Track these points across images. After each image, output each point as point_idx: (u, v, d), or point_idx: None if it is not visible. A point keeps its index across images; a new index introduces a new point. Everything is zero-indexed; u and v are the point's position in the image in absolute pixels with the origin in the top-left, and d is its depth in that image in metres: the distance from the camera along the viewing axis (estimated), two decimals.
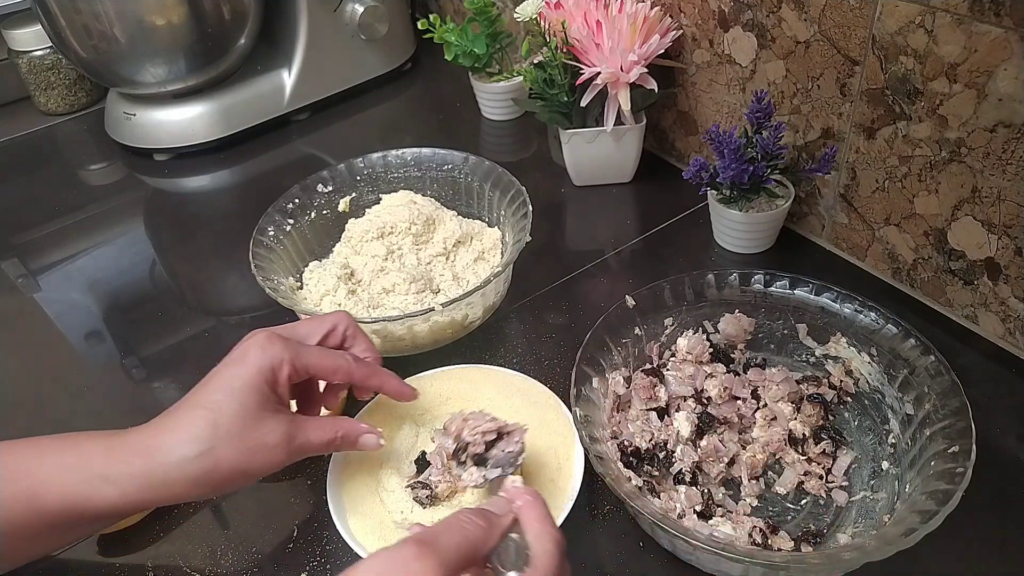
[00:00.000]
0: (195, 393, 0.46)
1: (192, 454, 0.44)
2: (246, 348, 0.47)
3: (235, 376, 0.46)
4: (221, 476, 0.45)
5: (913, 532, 0.42)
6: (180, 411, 0.45)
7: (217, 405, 0.45)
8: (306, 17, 0.97)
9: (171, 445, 0.44)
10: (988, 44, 0.53)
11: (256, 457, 0.45)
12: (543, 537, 0.39)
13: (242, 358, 0.46)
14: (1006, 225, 0.58)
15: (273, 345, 0.47)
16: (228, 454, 0.44)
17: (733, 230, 0.72)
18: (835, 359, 0.58)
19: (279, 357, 0.47)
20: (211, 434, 0.44)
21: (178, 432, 0.44)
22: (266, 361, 0.46)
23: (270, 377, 0.46)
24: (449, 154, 0.75)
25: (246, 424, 0.45)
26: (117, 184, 0.96)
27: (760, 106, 0.66)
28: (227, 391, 0.45)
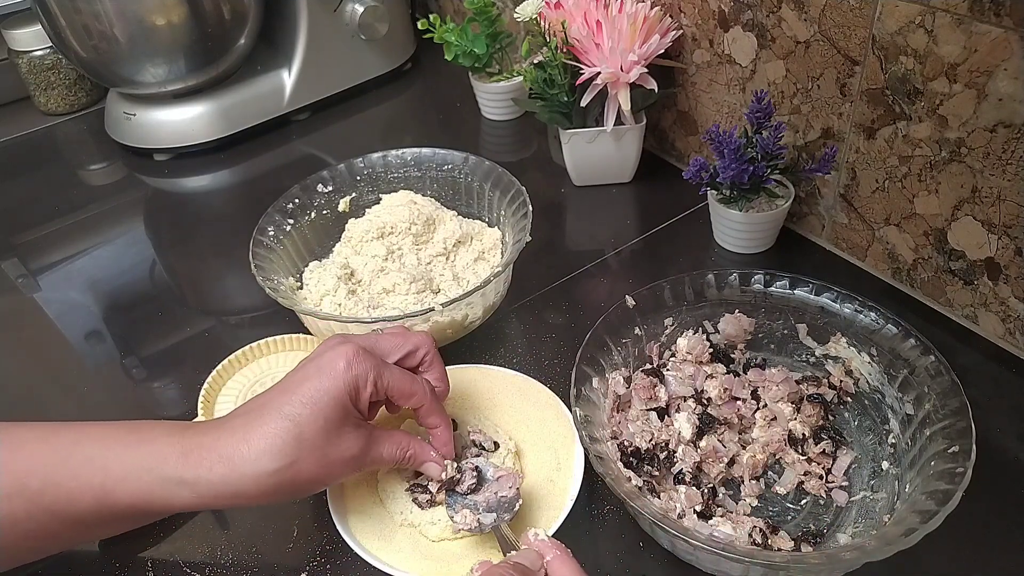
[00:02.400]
0: (279, 400, 0.46)
1: (274, 467, 0.44)
2: (333, 360, 0.46)
3: (321, 390, 0.45)
4: (297, 486, 0.45)
5: (913, 532, 0.42)
6: (264, 419, 0.45)
7: (302, 419, 0.45)
8: (306, 17, 0.97)
9: (254, 456, 0.44)
10: (988, 44, 0.53)
11: (333, 470, 0.46)
12: None
13: (330, 371, 0.46)
14: (1006, 225, 0.58)
15: (360, 363, 0.47)
16: (308, 467, 0.45)
17: (733, 230, 0.72)
18: (835, 359, 0.58)
19: (364, 376, 0.47)
20: (295, 448, 0.44)
21: (262, 443, 0.44)
22: (351, 378, 0.46)
23: (353, 394, 0.47)
24: (449, 154, 0.75)
25: (328, 438, 0.45)
26: (117, 184, 0.96)
27: (760, 106, 0.66)
28: (312, 405, 0.45)
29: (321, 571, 0.51)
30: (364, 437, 0.47)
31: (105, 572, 0.53)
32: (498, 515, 0.49)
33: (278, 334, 0.66)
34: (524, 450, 0.56)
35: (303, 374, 0.47)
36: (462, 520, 0.49)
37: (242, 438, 0.45)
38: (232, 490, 0.44)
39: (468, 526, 0.49)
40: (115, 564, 0.53)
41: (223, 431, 0.45)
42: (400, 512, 0.52)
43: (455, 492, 0.51)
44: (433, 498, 0.52)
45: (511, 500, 0.49)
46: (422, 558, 0.50)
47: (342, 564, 0.51)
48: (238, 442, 0.44)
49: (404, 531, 0.52)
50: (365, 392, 0.47)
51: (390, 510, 0.52)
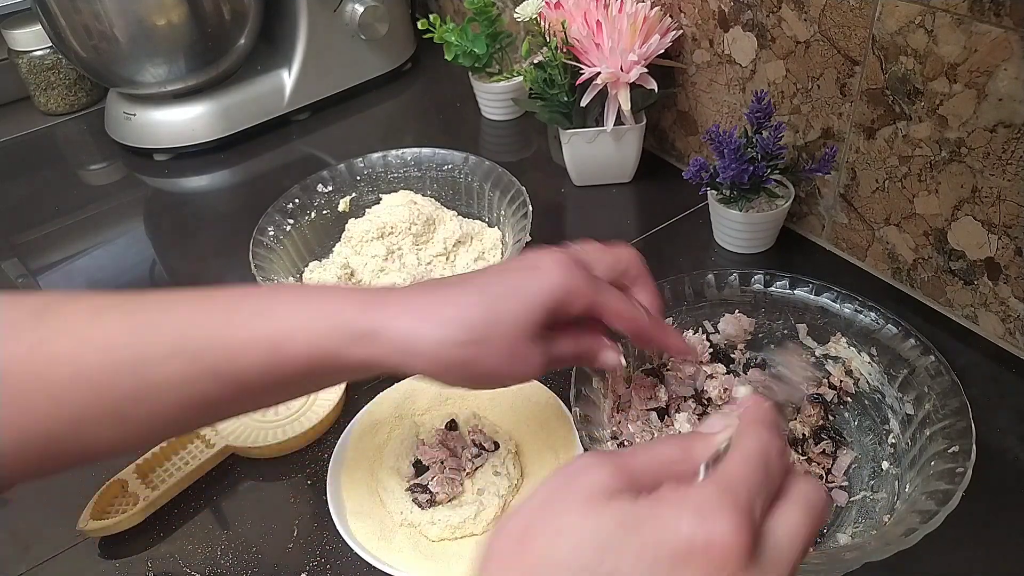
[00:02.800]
0: (482, 280, 0.42)
1: (465, 338, 0.39)
2: (551, 266, 0.42)
3: (531, 287, 0.41)
4: (476, 372, 0.41)
5: (913, 532, 0.42)
6: (461, 289, 0.41)
7: (503, 306, 0.40)
8: (306, 17, 0.97)
9: (448, 317, 0.40)
10: (988, 44, 0.53)
11: (516, 366, 0.41)
12: (747, 436, 0.30)
13: (546, 271, 0.41)
14: (1006, 225, 0.58)
15: (577, 275, 0.42)
16: (493, 353, 0.40)
17: (733, 230, 0.72)
18: (835, 359, 0.58)
19: (579, 290, 0.42)
20: (487, 329, 0.40)
21: (456, 310, 0.40)
22: (566, 288, 0.41)
23: (561, 304, 0.41)
24: (449, 154, 0.75)
25: (523, 333, 0.41)
26: (117, 184, 0.96)
27: (760, 106, 0.66)
28: (517, 298, 0.41)
29: (321, 571, 0.51)
30: (550, 341, 0.43)
31: (105, 572, 0.53)
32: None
33: None
34: (524, 450, 0.56)
35: (508, 267, 0.43)
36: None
37: (436, 298, 0.40)
38: (414, 346, 0.39)
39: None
40: (115, 564, 0.53)
41: (412, 290, 0.41)
42: (400, 512, 0.52)
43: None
44: (433, 498, 0.52)
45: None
46: (422, 558, 0.50)
47: (342, 564, 0.51)
48: (432, 301, 0.40)
49: (404, 531, 0.52)
50: (574, 309, 0.42)
51: (390, 510, 0.52)
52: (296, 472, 0.58)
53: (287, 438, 0.58)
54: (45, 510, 0.57)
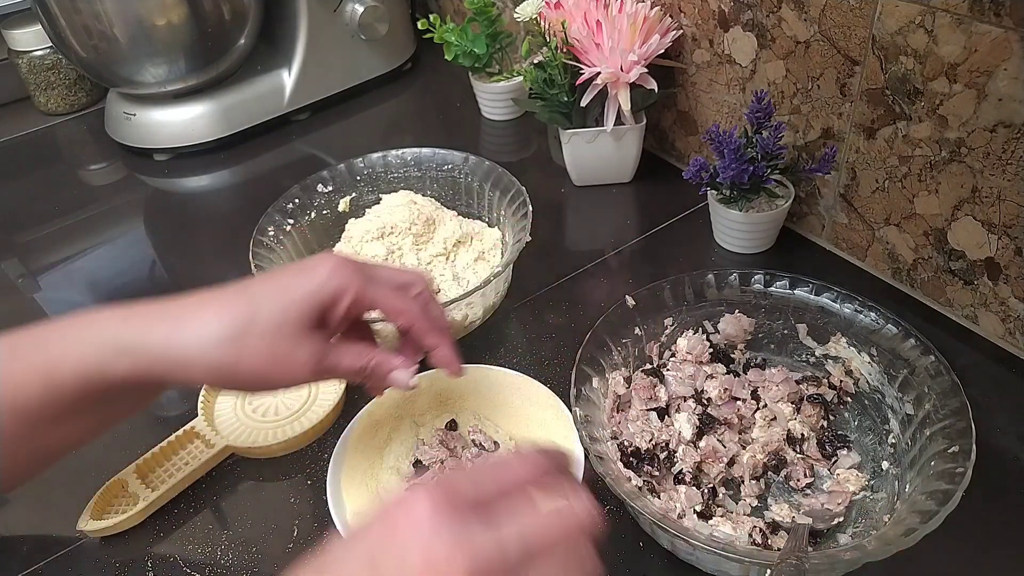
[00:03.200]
0: (251, 283, 0.44)
1: (218, 337, 0.41)
2: (315, 265, 0.44)
3: (293, 286, 0.43)
4: (241, 373, 0.42)
5: (913, 532, 0.42)
6: (224, 293, 0.43)
7: (262, 303, 0.42)
8: (306, 17, 0.97)
9: (203, 318, 0.41)
10: (988, 44, 0.53)
11: (280, 368, 0.43)
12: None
13: (309, 272, 0.43)
14: (1006, 225, 0.58)
15: (344, 271, 0.44)
16: (253, 353, 0.42)
17: (733, 230, 0.72)
18: (835, 359, 0.58)
19: (345, 285, 0.43)
20: (244, 326, 0.41)
21: (211, 310, 0.42)
22: (331, 284, 0.43)
23: (327, 301, 0.43)
24: (449, 154, 0.75)
25: (281, 332, 0.42)
26: (117, 184, 0.96)
27: (760, 106, 0.66)
28: (277, 294, 0.43)
29: None
30: (319, 343, 0.44)
31: (105, 572, 0.53)
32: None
33: None
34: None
35: (281, 270, 0.44)
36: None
37: (195, 303, 0.42)
38: (173, 354, 0.41)
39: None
40: (115, 564, 0.53)
41: (181, 299, 0.43)
42: None
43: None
44: None
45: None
46: None
47: None
48: (190, 306, 0.42)
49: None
50: (343, 303, 0.44)
51: None
52: (296, 472, 0.58)
53: (287, 438, 0.58)
54: (45, 510, 0.57)
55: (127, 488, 0.56)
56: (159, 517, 0.55)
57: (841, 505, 0.50)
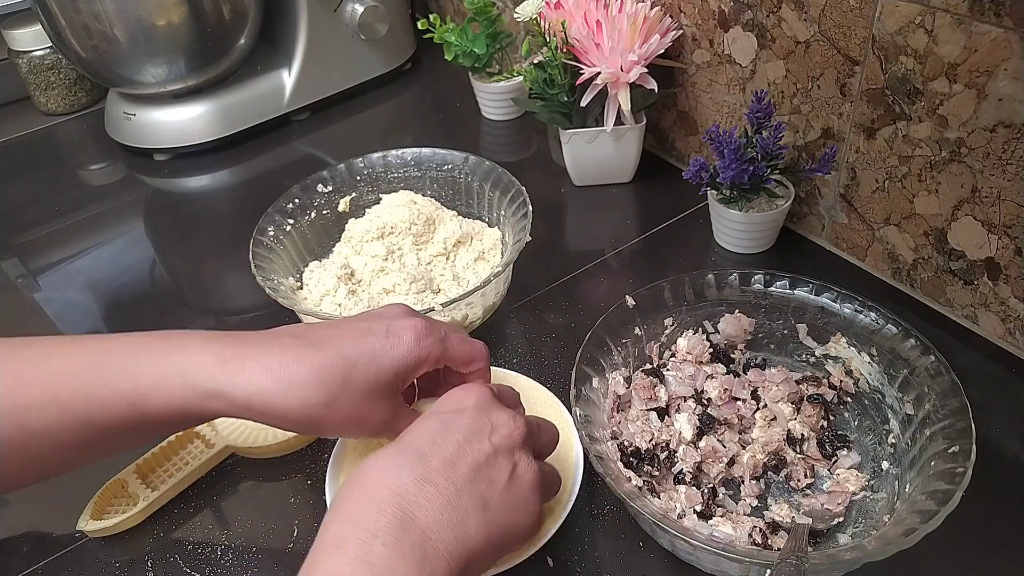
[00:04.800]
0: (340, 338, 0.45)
1: (317, 400, 0.43)
2: (403, 329, 0.46)
3: (383, 352, 0.45)
4: (322, 425, 0.45)
5: (913, 532, 0.42)
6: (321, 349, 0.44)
7: (357, 367, 0.44)
8: (306, 17, 0.97)
9: (303, 379, 0.43)
10: (988, 44, 0.53)
11: (358, 426, 0.46)
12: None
13: (397, 339, 0.45)
14: (1006, 225, 0.58)
15: (428, 339, 0.46)
16: (340, 412, 0.44)
17: (733, 230, 0.72)
18: (835, 359, 0.58)
19: (427, 356, 0.46)
20: (341, 391, 0.43)
21: (313, 372, 0.43)
22: (415, 356, 0.46)
23: (411, 370, 0.46)
24: (449, 154, 0.75)
25: (368, 397, 0.44)
26: (117, 184, 0.96)
27: (760, 106, 0.66)
28: (370, 361, 0.44)
29: None
30: (393, 408, 0.46)
31: (105, 572, 0.53)
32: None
33: None
34: None
35: (367, 327, 0.46)
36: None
37: (294, 358, 0.43)
38: (268, 405, 0.43)
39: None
40: (115, 564, 0.53)
41: (271, 346, 0.44)
42: None
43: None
44: None
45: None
46: None
47: None
48: (289, 360, 0.43)
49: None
50: (421, 369, 0.47)
51: None
52: (296, 472, 0.58)
53: (287, 438, 0.58)
54: (45, 510, 0.57)
55: (127, 488, 0.56)
56: (159, 517, 0.55)
57: (841, 505, 0.50)
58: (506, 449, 0.42)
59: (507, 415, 0.43)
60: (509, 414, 0.44)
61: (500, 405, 0.44)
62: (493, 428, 0.42)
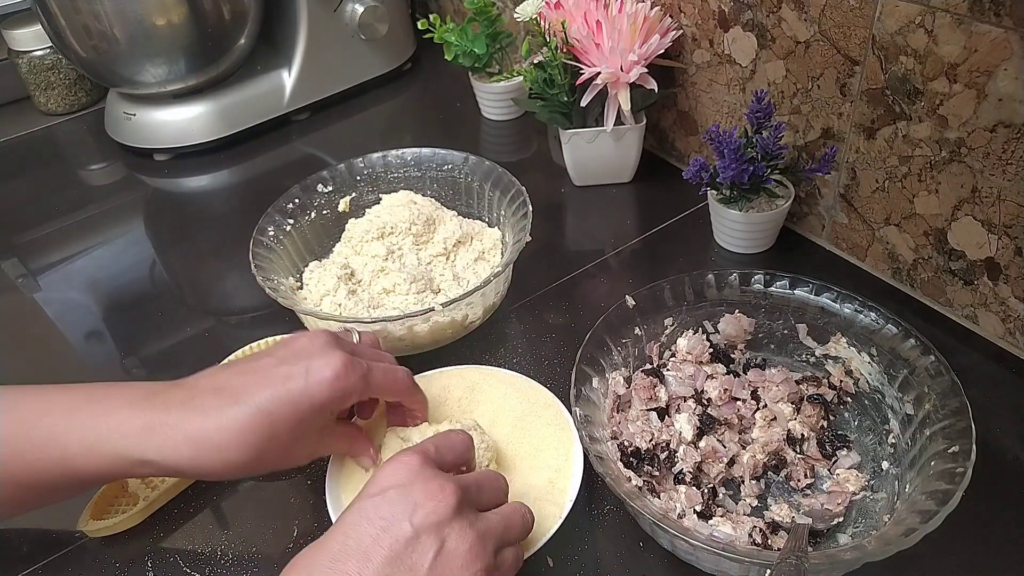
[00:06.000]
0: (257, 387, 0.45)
1: (241, 460, 0.45)
2: (322, 368, 0.46)
3: (305, 396, 0.45)
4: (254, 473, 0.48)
5: (913, 532, 0.42)
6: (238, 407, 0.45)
7: (279, 418, 0.45)
8: (306, 17, 0.97)
9: (224, 444, 0.44)
10: (988, 44, 0.53)
11: (292, 461, 0.49)
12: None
13: (318, 379, 0.46)
14: (1006, 225, 0.58)
15: (350, 377, 0.47)
16: (271, 458, 0.46)
17: (733, 230, 0.72)
18: (835, 359, 0.58)
19: (349, 391, 0.47)
20: (264, 444, 0.45)
21: (233, 436, 0.44)
22: (338, 392, 0.46)
23: (334, 406, 0.47)
24: (449, 154, 0.75)
25: (297, 438, 0.46)
26: (117, 184, 0.96)
27: (760, 106, 0.66)
28: (291, 406, 0.45)
29: None
30: (326, 438, 0.50)
31: (105, 572, 0.53)
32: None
33: (278, 334, 0.65)
34: (524, 451, 0.56)
35: (288, 372, 0.46)
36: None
37: (214, 424, 0.44)
38: (195, 470, 0.45)
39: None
40: (115, 564, 0.53)
41: (190, 410, 0.45)
42: None
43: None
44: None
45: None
46: None
47: None
48: (209, 427, 0.44)
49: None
50: (348, 403, 0.48)
51: None
52: (296, 472, 0.58)
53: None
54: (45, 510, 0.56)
55: (127, 488, 0.56)
56: (159, 517, 0.55)
57: (841, 505, 0.50)
58: (430, 526, 0.40)
59: (434, 485, 0.41)
60: (437, 483, 0.41)
61: (430, 474, 0.42)
62: (416, 506, 0.40)
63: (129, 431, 0.44)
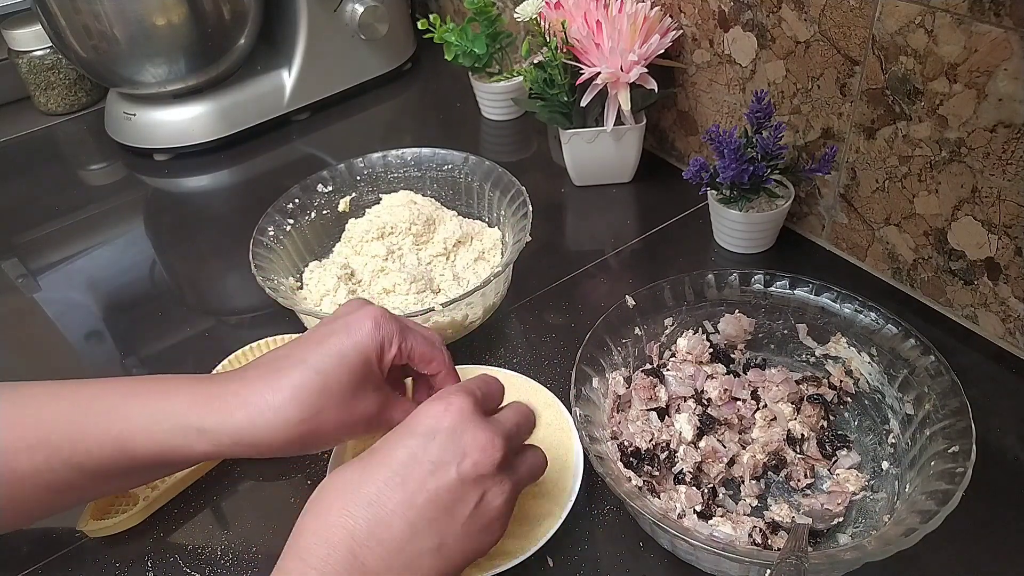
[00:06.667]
0: (304, 351, 0.45)
1: (299, 417, 0.43)
2: (361, 319, 0.46)
3: (349, 345, 0.45)
4: (318, 437, 0.45)
5: (913, 532, 0.42)
6: (289, 369, 0.44)
7: (328, 371, 0.44)
8: (306, 17, 0.97)
9: (279, 404, 0.43)
10: (988, 44, 0.53)
11: (355, 426, 0.46)
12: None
13: (358, 329, 0.46)
14: (1006, 225, 0.58)
15: (387, 323, 0.47)
16: (331, 419, 0.45)
17: (733, 230, 0.72)
18: (835, 359, 0.58)
19: (390, 337, 0.46)
20: (321, 399, 0.44)
21: (287, 392, 0.44)
22: (380, 337, 0.46)
23: (379, 354, 0.46)
24: (449, 154, 0.75)
25: (354, 392, 0.45)
26: (117, 184, 0.96)
27: (760, 106, 0.66)
28: (339, 358, 0.45)
29: None
30: (383, 397, 0.47)
31: (105, 572, 0.53)
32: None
33: (278, 334, 0.66)
34: None
35: (328, 330, 0.46)
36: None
37: (266, 386, 0.44)
38: (254, 437, 0.44)
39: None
40: (115, 564, 0.53)
41: (245, 380, 0.45)
42: None
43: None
44: None
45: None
46: None
47: None
48: (262, 389, 0.44)
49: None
50: (390, 353, 0.47)
51: None
52: (296, 472, 0.58)
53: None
54: None
55: None
56: (159, 517, 0.55)
57: (841, 505, 0.50)
58: (476, 479, 0.40)
59: (484, 436, 0.41)
60: (486, 435, 0.41)
61: (480, 422, 0.42)
62: (464, 455, 0.40)
63: (184, 405, 0.44)
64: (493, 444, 0.41)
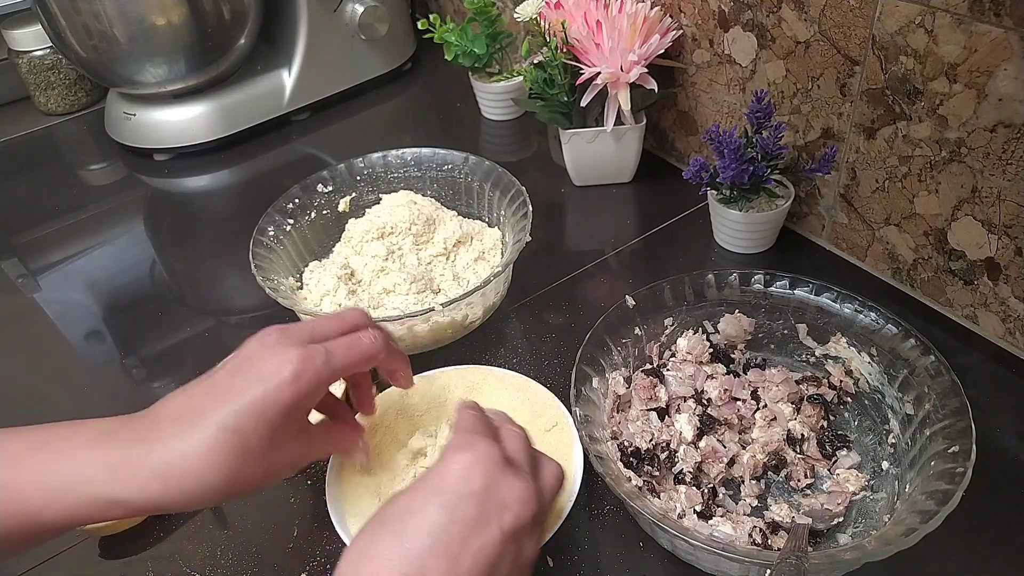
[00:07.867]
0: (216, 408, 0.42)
1: (219, 483, 0.41)
2: (279, 369, 0.43)
3: (268, 402, 0.42)
4: (238, 492, 0.43)
5: (913, 532, 0.42)
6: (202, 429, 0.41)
7: (247, 431, 0.42)
8: (306, 17, 0.97)
9: (195, 471, 0.41)
10: (988, 44, 0.53)
11: (276, 474, 0.45)
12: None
13: (276, 382, 0.42)
14: (1006, 225, 0.58)
15: (308, 368, 0.43)
16: (251, 476, 0.43)
17: (733, 230, 0.72)
18: (835, 359, 0.58)
19: (314, 383, 0.44)
20: (240, 462, 0.42)
21: (203, 459, 0.41)
22: (301, 389, 0.43)
23: (303, 404, 0.44)
24: (449, 154, 0.75)
25: (273, 448, 0.43)
26: (117, 184, 0.96)
27: (760, 106, 0.66)
28: (257, 416, 0.42)
29: (321, 571, 0.51)
30: (305, 441, 0.46)
31: (106, 572, 0.53)
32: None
33: None
34: None
35: (243, 382, 0.43)
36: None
37: (178, 452, 0.41)
38: (173, 502, 0.41)
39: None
40: (115, 564, 0.53)
41: (151, 442, 0.42)
42: None
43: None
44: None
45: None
46: None
47: None
48: (173, 457, 0.41)
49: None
50: (314, 400, 0.45)
51: None
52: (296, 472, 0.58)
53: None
54: None
55: None
56: (159, 517, 0.55)
57: (841, 505, 0.50)
58: (515, 532, 0.39)
59: (521, 488, 0.40)
60: (523, 486, 0.40)
61: (511, 472, 0.40)
62: (504, 508, 0.39)
63: (92, 473, 0.41)
64: (529, 495, 0.40)
